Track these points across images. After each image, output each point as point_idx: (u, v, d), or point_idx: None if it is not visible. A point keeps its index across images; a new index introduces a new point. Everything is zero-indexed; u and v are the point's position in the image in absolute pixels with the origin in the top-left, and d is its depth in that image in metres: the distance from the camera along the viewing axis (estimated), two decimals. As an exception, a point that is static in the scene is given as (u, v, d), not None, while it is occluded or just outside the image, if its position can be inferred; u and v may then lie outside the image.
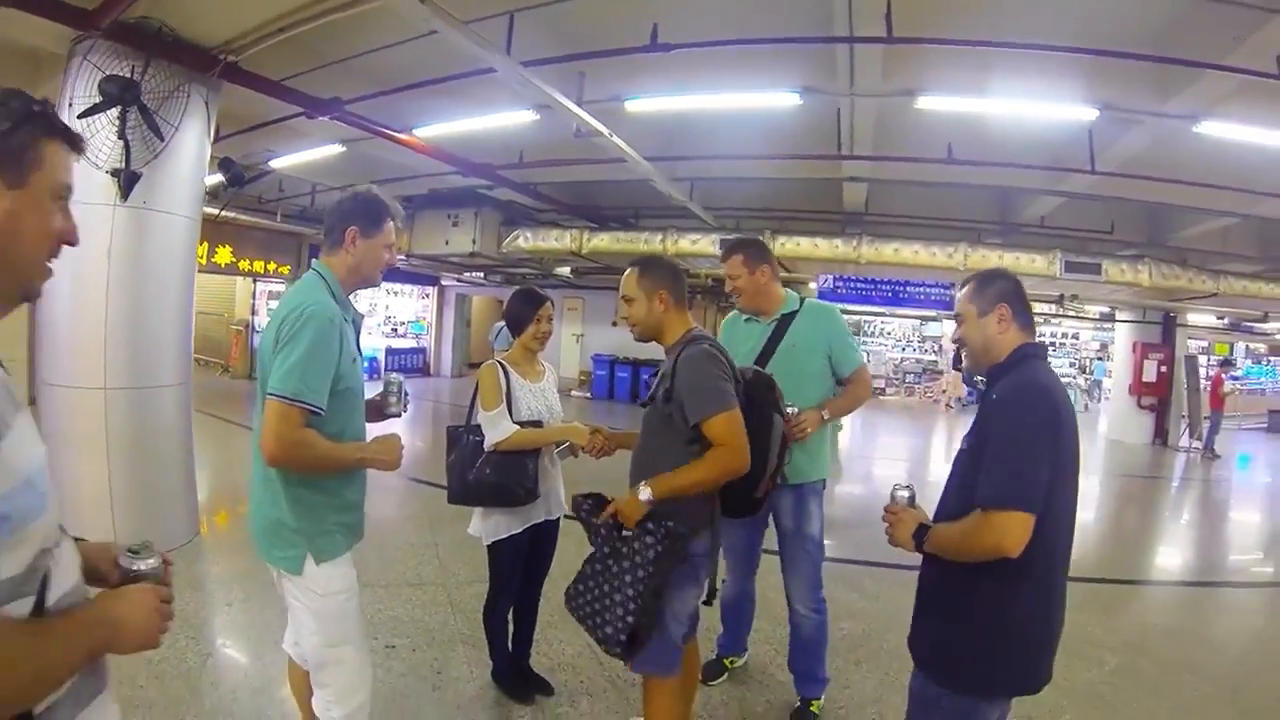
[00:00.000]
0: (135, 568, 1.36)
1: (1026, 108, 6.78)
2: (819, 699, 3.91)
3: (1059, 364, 25.42)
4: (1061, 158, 8.33)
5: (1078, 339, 26.62)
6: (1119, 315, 17.74)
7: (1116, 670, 4.63)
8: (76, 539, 1.33)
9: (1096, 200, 10.62)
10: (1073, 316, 20.17)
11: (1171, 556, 8.22)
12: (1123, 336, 18.02)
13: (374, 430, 2.74)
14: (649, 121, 8.14)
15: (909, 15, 5.36)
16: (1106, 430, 18.17)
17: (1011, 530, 2.00)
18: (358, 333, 2.68)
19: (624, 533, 2.72)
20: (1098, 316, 19.94)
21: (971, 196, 11.80)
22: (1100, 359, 25.38)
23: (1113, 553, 7.95)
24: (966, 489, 2.14)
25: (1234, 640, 5.49)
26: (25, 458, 1.12)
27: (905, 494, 2.34)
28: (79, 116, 5.40)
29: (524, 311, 3.69)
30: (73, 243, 1.30)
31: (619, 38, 6.16)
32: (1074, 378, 25.48)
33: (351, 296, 2.68)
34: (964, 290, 2.43)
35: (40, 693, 1.12)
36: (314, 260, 2.69)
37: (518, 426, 3.50)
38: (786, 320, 3.75)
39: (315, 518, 2.47)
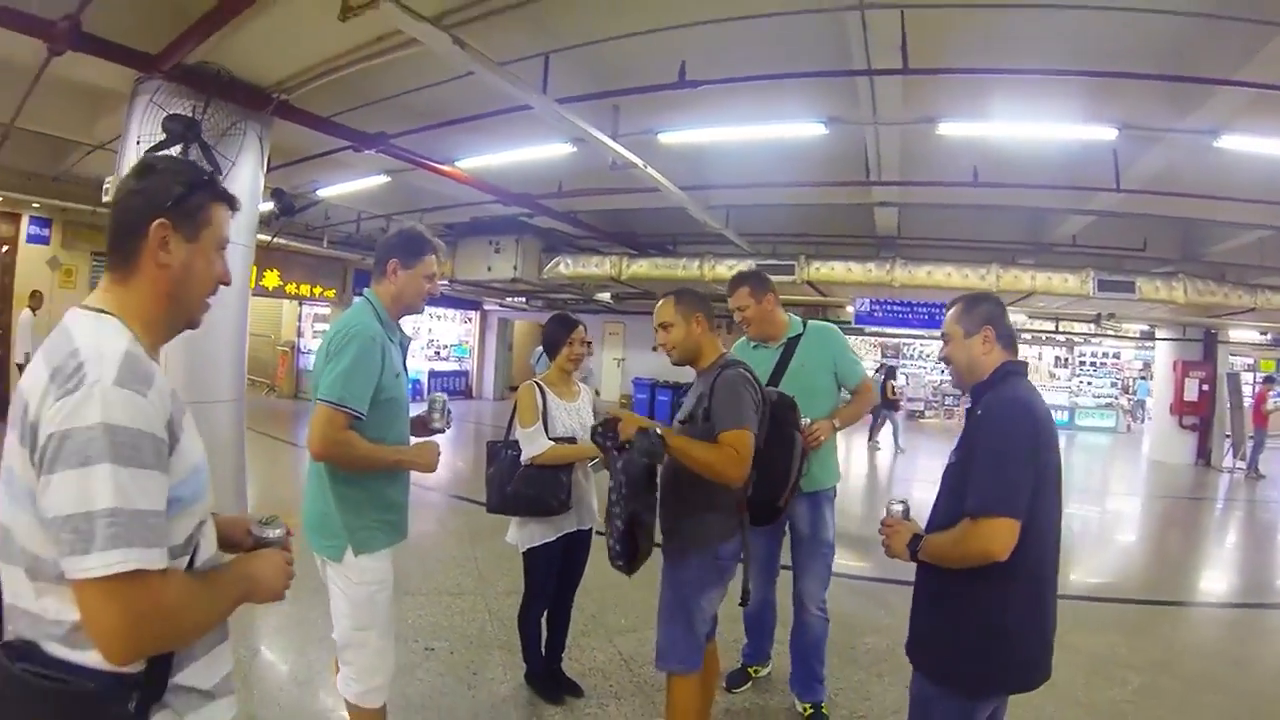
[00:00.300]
0: (266, 535, 1.69)
1: (1046, 130, 6.91)
2: (824, 703, 4.10)
3: (1100, 384, 25.15)
4: (1087, 177, 8.37)
5: (1119, 358, 26.17)
6: (1158, 333, 17.53)
7: (1140, 689, 4.67)
8: (214, 516, 1.66)
9: (1126, 218, 10.61)
10: (1112, 335, 20.02)
11: (1208, 578, 8.13)
12: (1163, 355, 17.70)
13: None
14: (682, 152, 8.36)
15: (924, 46, 5.53)
16: (1148, 451, 17.82)
17: (999, 536, 2.16)
18: (404, 353, 3.00)
19: (617, 441, 2.91)
20: (1138, 335, 19.75)
21: (1002, 218, 11.86)
22: (1143, 378, 24.76)
23: (1147, 574, 7.96)
24: (956, 500, 2.31)
25: (1262, 661, 5.48)
26: (195, 451, 1.47)
27: (900, 508, 2.52)
28: (146, 153, 5.80)
29: (558, 334, 3.97)
30: (227, 283, 1.63)
31: (650, 74, 6.41)
32: (1115, 398, 25.14)
33: (402, 321, 2.99)
34: (951, 312, 2.59)
35: (203, 631, 1.46)
36: (365, 289, 3.00)
37: (552, 442, 3.76)
38: (793, 343, 4.02)
39: (357, 513, 2.77)
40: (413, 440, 3.06)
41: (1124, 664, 5.04)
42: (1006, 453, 2.24)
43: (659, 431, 2.86)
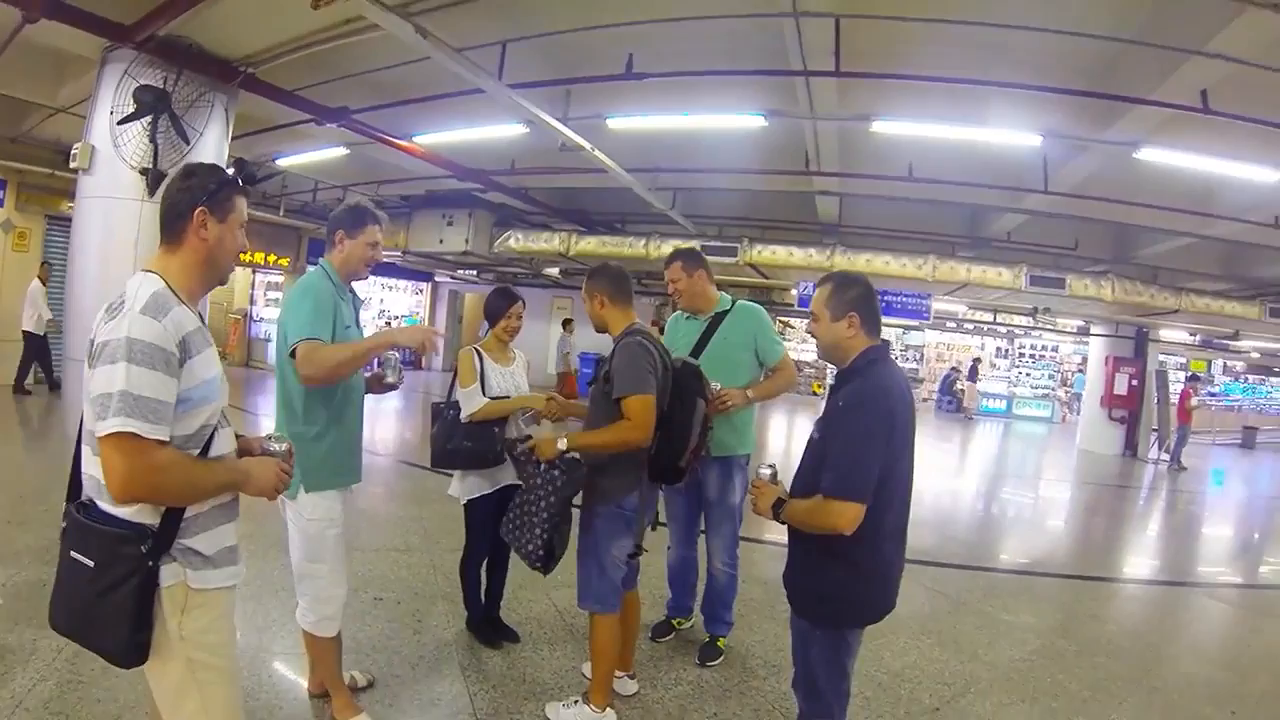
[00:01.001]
0: (270, 448, 2.20)
1: (975, 133, 7.29)
2: (724, 637, 4.53)
3: (1038, 376, 25.99)
4: (1018, 178, 8.78)
5: (1057, 351, 27.06)
6: (1093, 329, 18.19)
7: (1037, 650, 5.05)
8: (238, 435, 2.21)
9: (1058, 218, 11.07)
10: (1051, 330, 20.71)
11: (1119, 558, 8.56)
12: (1096, 350, 18.40)
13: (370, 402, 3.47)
14: (631, 136, 8.62)
15: (857, 51, 5.89)
16: (1079, 441, 18.46)
17: (845, 515, 2.51)
18: (356, 312, 3.37)
19: (540, 466, 3.34)
20: (1074, 330, 20.43)
21: (941, 211, 12.26)
22: (1081, 372, 25.36)
23: (1064, 553, 8.45)
24: (814, 471, 2.65)
25: (1157, 630, 5.91)
26: (207, 369, 1.97)
27: (768, 472, 2.80)
28: (119, 123, 6.01)
29: (499, 305, 4.29)
30: (246, 251, 2.19)
31: (601, 65, 6.72)
32: (1053, 389, 25.97)
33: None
34: (820, 292, 2.80)
35: (194, 498, 1.95)
36: (319, 258, 3.38)
37: (488, 400, 4.09)
38: (719, 318, 4.34)
39: (308, 454, 3.06)
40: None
41: (1027, 629, 5.48)
42: (861, 443, 2.55)
43: (565, 447, 3.28)
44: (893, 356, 2.87)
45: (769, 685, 4.23)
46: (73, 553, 1.90)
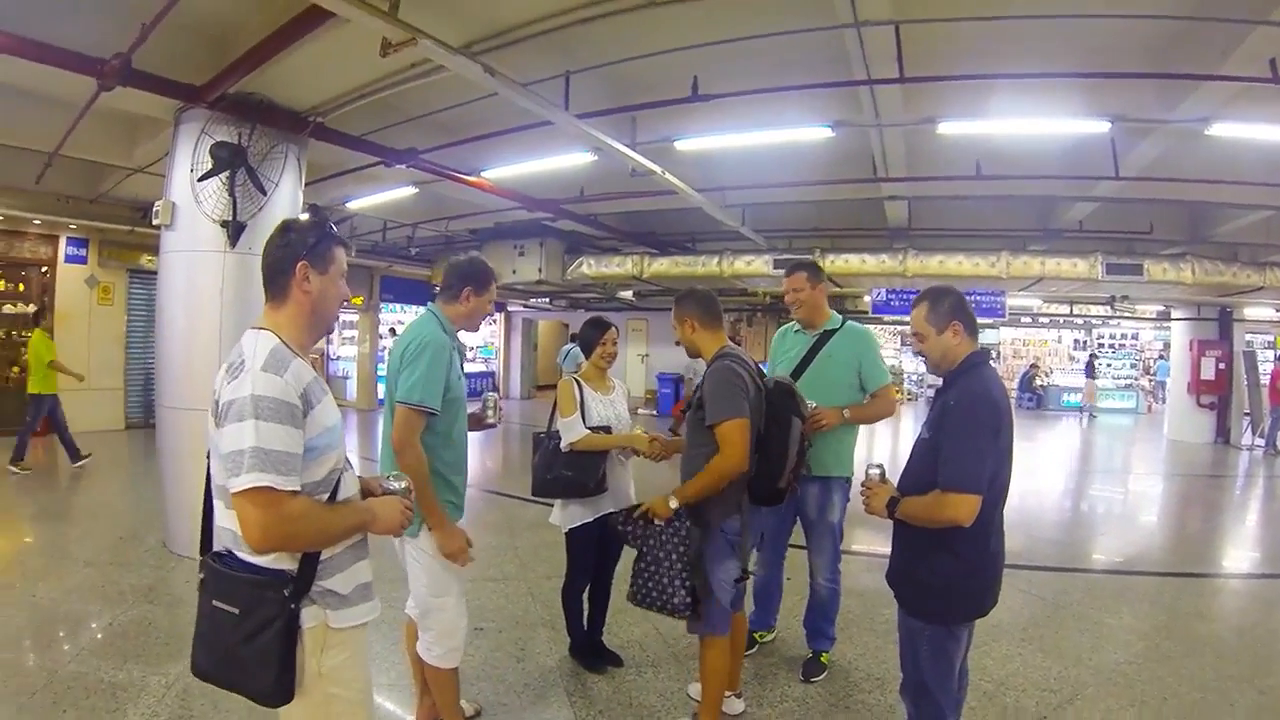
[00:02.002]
0: (390, 486, 2.32)
1: (1042, 125, 7.17)
2: (827, 652, 4.56)
3: (1119, 366, 25.23)
4: (1087, 166, 8.59)
5: (1137, 339, 26.24)
6: (1174, 313, 17.65)
7: (1142, 653, 4.97)
8: (360, 476, 2.33)
9: (1130, 203, 10.85)
10: (1129, 317, 20.13)
11: (1220, 552, 8.29)
12: (1179, 334, 17.80)
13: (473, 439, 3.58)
14: (698, 156, 8.75)
15: (919, 54, 5.89)
16: (1167, 431, 17.85)
17: (965, 507, 2.61)
18: (462, 359, 3.50)
19: (656, 524, 3.44)
20: (1154, 316, 19.83)
21: (1010, 205, 12.13)
22: (1164, 358, 24.40)
23: (1160, 549, 8.25)
24: (925, 470, 2.75)
25: (1265, 627, 5.67)
26: (329, 417, 2.09)
27: (877, 471, 2.92)
28: (198, 180, 6.29)
29: (592, 335, 4.42)
30: (348, 301, 2.24)
31: (665, 89, 6.80)
32: (1135, 379, 25.18)
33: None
34: (918, 311, 2.93)
35: (328, 542, 2.06)
36: (429, 303, 3.51)
37: (589, 430, 4.19)
38: (828, 335, 4.39)
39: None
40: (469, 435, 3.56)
41: (1130, 631, 5.38)
42: (975, 439, 2.66)
43: (677, 505, 3.39)
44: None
45: (873, 698, 4.25)
46: (215, 601, 2.01)
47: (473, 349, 23.98)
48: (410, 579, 3.39)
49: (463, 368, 3.50)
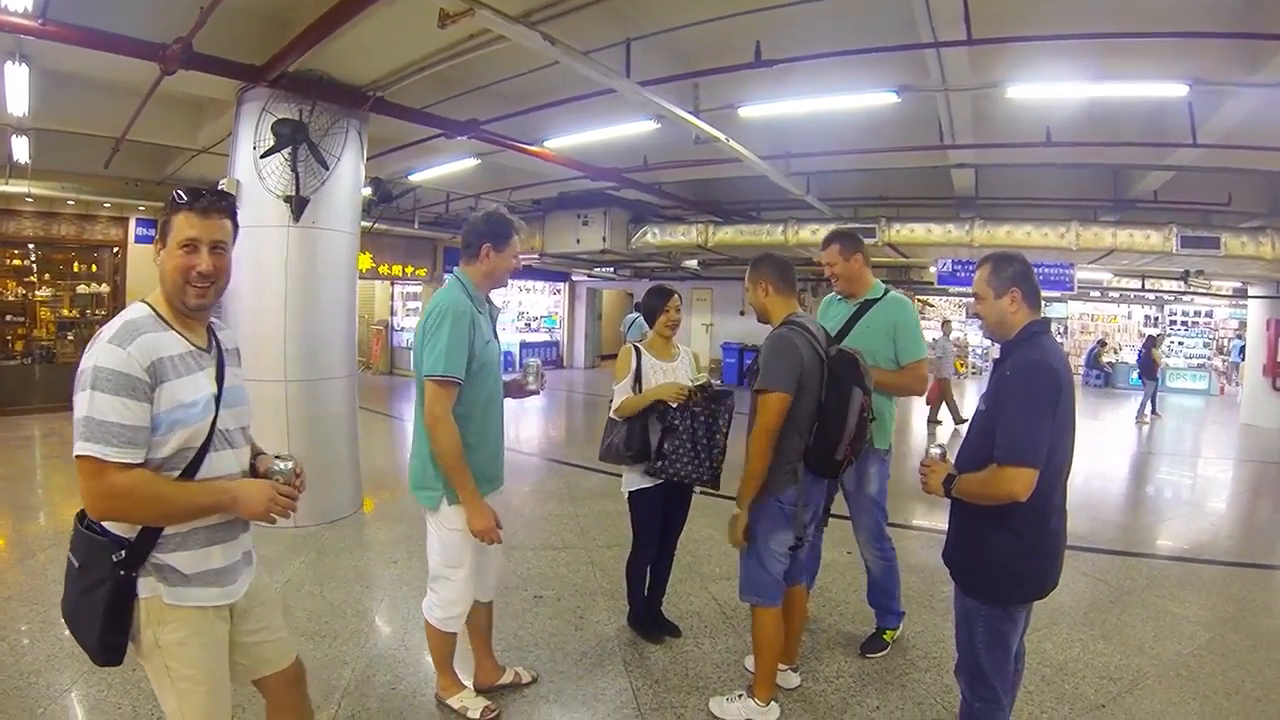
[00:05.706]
0: (273, 468, 2.24)
1: (1115, 89, 6.85)
2: (894, 629, 4.53)
3: (1192, 344, 24.35)
4: (1162, 132, 8.25)
5: (1211, 317, 25.11)
6: (1250, 290, 16.92)
7: (1206, 644, 4.80)
8: (262, 454, 2.38)
9: (1208, 172, 10.37)
10: (1203, 294, 19.37)
11: None
12: (1256, 313, 16.98)
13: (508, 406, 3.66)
14: (762, 123, 8.58)
15: (987, 15, 5.65)
16: (1242, 415, 17.06)
17: (1021, 480, 2.54)
18: (494, 322, 3.50)
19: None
20: (1230, 293, 19.09)
21: (1081, 174, 11.74)
22: (1240, 337, 23.35)
23: (1227, 538, 7.92)
24: (983, 444, 2.68)
25: None
26: (186, 393, 2.06)
27: (938, 451, 2.86)
28: (261, 157, 6.39)
29: (655, 303, 4.41)
30: (198, 267, 2.19)
31: (727, 55, 6.68)
32: (1208, 359, 24.24)
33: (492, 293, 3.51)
34: (981, 272, 2.87)
35: (169, 519, 2.06)
36: (455, 268, 3.48)
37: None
38: (869, 304, 4.33)
39: None
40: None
41: (1195, 621, 5.20)
42: (1031, 411, 2.59)
43: (739, 512, 3.48)
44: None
45: (930, 678, 4.21)
46: (70, 553, 2.12)
47: (537, 319, 24.16)
48: (428, 547, 3.47)
49: (495, 331, 3.48)
